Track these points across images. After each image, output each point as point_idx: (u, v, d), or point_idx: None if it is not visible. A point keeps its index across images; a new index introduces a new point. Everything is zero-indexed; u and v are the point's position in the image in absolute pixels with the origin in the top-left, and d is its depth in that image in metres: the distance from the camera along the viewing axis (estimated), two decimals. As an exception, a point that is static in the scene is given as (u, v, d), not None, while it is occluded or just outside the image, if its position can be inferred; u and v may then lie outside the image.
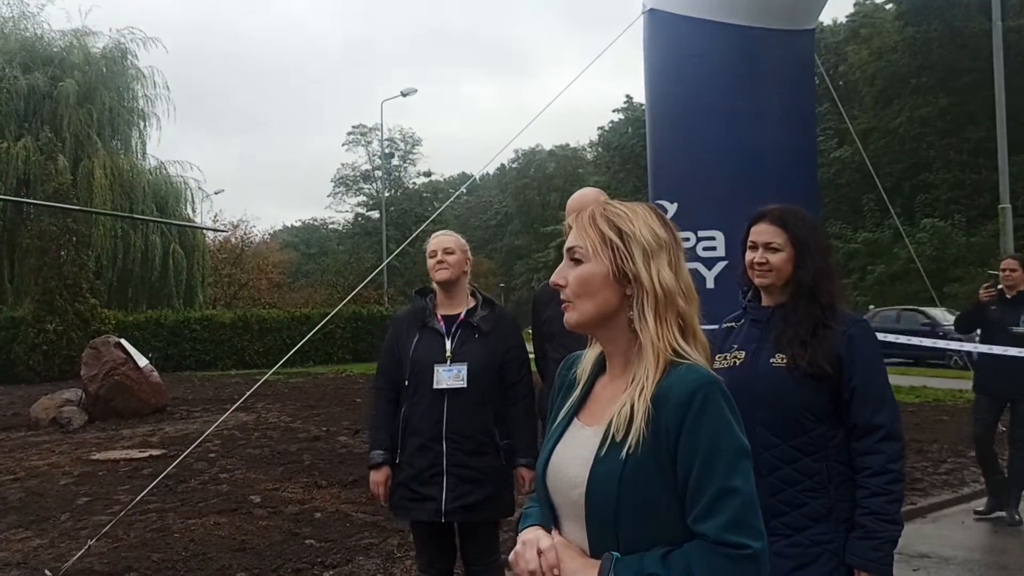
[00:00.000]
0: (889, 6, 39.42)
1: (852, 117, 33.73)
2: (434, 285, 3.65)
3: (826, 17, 47.42)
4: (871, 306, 27.51)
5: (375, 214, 57.45)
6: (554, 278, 1.67)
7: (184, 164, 29.84)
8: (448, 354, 3.48)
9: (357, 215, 63.37)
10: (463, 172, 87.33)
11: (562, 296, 1.65)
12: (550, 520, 1.64)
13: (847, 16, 43.86)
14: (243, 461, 8.56)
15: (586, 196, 3.57)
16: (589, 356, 1.72)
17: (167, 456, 8.58)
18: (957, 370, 16.82)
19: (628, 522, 1.50)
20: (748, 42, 5.92)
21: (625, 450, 1.49)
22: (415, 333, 3.59)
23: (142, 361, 12.29)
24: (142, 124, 28.39)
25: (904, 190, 34.58)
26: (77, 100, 25.43)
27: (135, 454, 9.05)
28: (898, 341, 10.15)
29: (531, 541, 1.57)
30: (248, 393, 6.93)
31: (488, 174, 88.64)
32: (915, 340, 11.64)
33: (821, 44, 38.86)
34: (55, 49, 27.31)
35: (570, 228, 1.69)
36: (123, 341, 12.53)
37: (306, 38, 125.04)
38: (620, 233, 1.60)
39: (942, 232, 32.14)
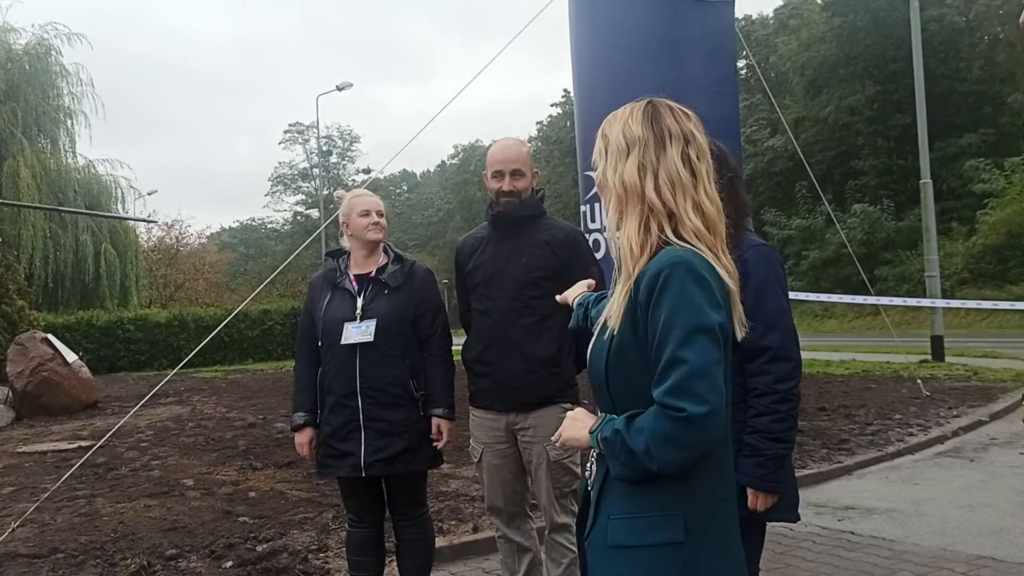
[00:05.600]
0: (817, -3, 40.32)
1: (783, 107, 34.44)
2: (346, 246, 3.66)
3: (755, 10, 48.48)
4: None
5: (315, 212, 56.76)
6: None
7: (114, 163, 29.30)
8: (358, 311, 3.48)
9: (296, 214, 62.57)
10: (404, 170, 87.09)
11: None
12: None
13: (775, 9, 44.84)
14: (176, 449, 8.41)
15: (508, 147, 3.53)
16: None
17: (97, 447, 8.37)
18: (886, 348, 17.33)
19: (618, 389, 1.72)
20: (672, 12, 6.05)
21: (610, 331, 1.71)
22: (327, 294, 3.60)
23: (71, 356, 11.97)
24: (69, 122, 27.79)
25: (835, 177, 35.40)
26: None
27: (63, 446, 8.82)
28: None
29: (567, 418, 1.83)
30: (161, 383, 6.72)
31: (429, 171, 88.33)
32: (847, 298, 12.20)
33: (752, 37, 39.59)
34: (-26, 47, 26.45)
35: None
36: (50, 336, 12.20)
37: (217, 41, 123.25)
38: (604, 137, 1.79)
39: (872, 217, 33.01)
